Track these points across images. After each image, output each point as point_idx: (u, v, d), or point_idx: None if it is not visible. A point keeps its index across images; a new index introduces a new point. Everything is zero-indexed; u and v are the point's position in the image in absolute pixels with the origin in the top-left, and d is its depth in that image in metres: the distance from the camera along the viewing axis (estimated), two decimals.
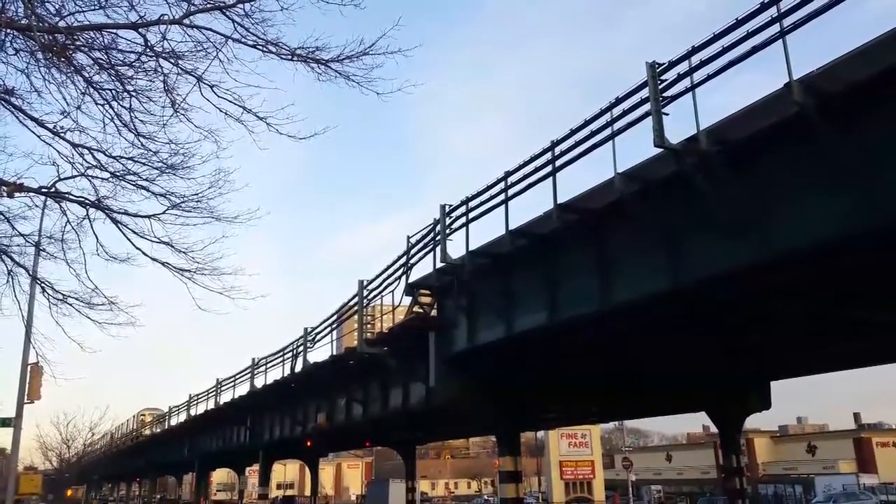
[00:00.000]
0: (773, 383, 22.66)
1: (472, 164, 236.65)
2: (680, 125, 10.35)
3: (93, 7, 9.00)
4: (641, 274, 12.29)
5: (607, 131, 11.65)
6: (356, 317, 20.88)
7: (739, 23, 9.44)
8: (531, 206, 13.88)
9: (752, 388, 22.49)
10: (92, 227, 12.05)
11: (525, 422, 25.57)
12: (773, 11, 9.02)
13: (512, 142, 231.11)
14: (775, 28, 9.00)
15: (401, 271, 18.19)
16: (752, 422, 28.63)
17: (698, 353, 18.57)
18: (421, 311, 18.39)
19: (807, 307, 14.17)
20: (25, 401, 20.83)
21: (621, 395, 22.53)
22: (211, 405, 40.98)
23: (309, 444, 35.30)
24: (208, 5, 8.80)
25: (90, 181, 11.33)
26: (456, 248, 15.86)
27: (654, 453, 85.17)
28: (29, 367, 20.44)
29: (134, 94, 9.69)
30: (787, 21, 8.87)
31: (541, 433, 65.08)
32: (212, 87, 9.45)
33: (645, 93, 10.72)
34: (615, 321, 14.13)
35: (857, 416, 73.30)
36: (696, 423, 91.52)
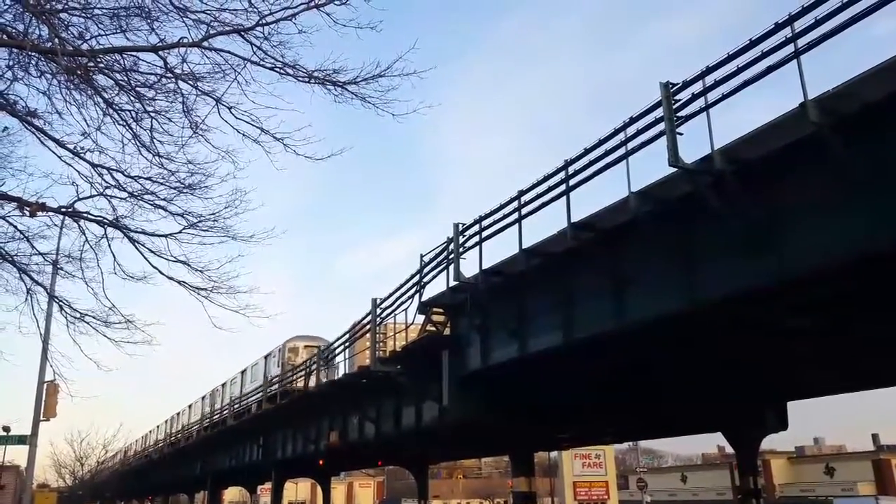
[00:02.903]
0: (789, 403, 22.39)
1: (484, 180, 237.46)
2: (695, 143, 10.37)
3: (114, 31, 9.18)
4: (656, 293, 12.24)
5: (621, 150, 11.67)
6: (369, 335, 20.87)
7: (753, 43, 9.48)
8: (544, 225, 13.87)
9: (769, 409, 22.19)
10: (110, 246, 12.23)
11: (539, 442, 25.40)
12: (787, 32, 9.06)
13: (526, 157, 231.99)
14: (790, 48, 9.03)
15: (414, 290, 18.18)
16: (769, 442, 28.26)
17: (714, 373, 18.39)
18: (434, 329, 18.37)
19: (823, 325, 14.03)
20: (41, 418, 20.93)
21: (636, 415, 22.33)
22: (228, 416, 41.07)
23: (321, 462, 35.22)
24: (227, 28, 8.95)
25: (109, 201, 11.52)
26: (469, 266, 15.85)
27: (668, 474, 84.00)
28: (45, 385, 20.56)
29: (153, 115, 9.87)
30: (802, 41, 8.90)
31: (554, 453, 64.51)
32: (230, 108, 9.63)
33: (659, 112, 10.74)
34: (630, 340, 14.05)
35: (875, 437, 72.03)
36: (710, 443, 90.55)
